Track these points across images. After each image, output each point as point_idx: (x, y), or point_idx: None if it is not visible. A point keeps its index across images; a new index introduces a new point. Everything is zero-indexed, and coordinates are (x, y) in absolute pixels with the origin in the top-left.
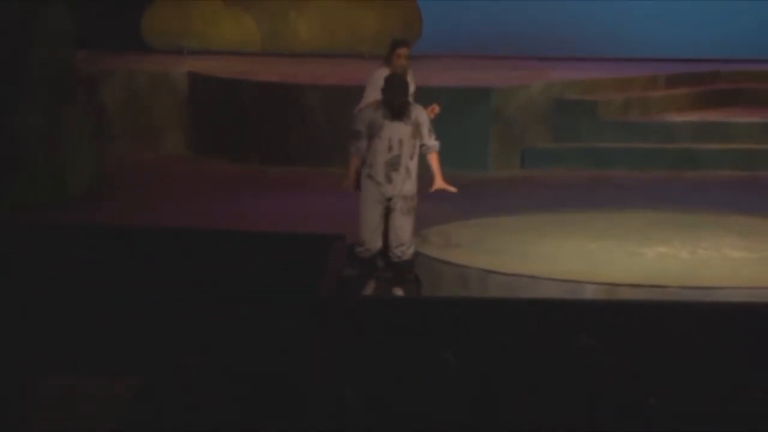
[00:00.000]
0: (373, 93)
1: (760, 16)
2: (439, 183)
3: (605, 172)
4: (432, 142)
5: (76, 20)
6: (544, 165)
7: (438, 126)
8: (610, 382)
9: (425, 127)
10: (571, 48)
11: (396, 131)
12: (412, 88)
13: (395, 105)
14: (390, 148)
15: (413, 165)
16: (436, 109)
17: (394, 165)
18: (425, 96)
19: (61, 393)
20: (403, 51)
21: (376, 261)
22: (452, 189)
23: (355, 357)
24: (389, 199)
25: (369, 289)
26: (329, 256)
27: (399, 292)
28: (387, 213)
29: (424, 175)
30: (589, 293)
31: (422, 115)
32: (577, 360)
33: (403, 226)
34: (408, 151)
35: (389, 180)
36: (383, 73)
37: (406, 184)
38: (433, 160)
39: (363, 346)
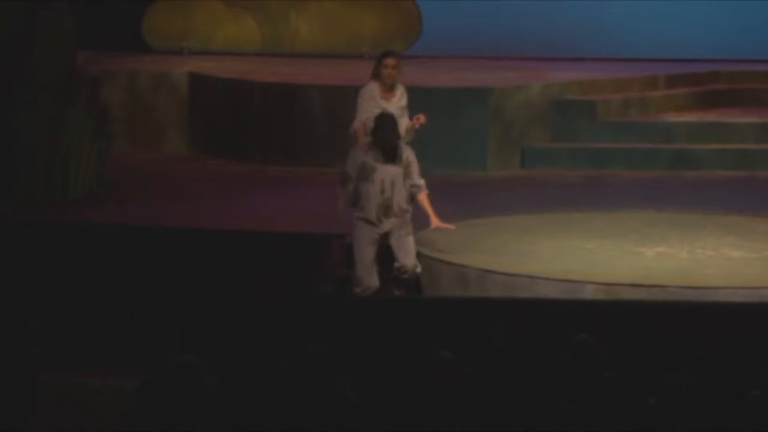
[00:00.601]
0: (365, 109)
1: (759, 17)
2: (435, 222)
3: (604, 171)
4: (420, 182)
5: (78, 21)
6: (542, 165)
7: (437, 126)
8: (609, 381)
9: (414, 168)
10: (570, 48)
11: (388, 174)
12: (403, 102)
13: (387, 147)
14: (383, 191)
15: (406, 204)
16: (422, 118)
17: (387, 207)
18: (425, 96)
19: (62, 391)
20: (390, 61)
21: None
22: (450, 227)
23: (354, 356)
24: (384, 235)
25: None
26: (328, 256)
27: (399, 292)
28: (385, 242)
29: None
30: (588, 293)
31: (411, 155)
32: (575, 359)
33: (402, 246)
34: (400, 192)
35: (381, 222)
36: (373, 87)
37: (398, 219)
38: (424, 201)
39: (362, 345)
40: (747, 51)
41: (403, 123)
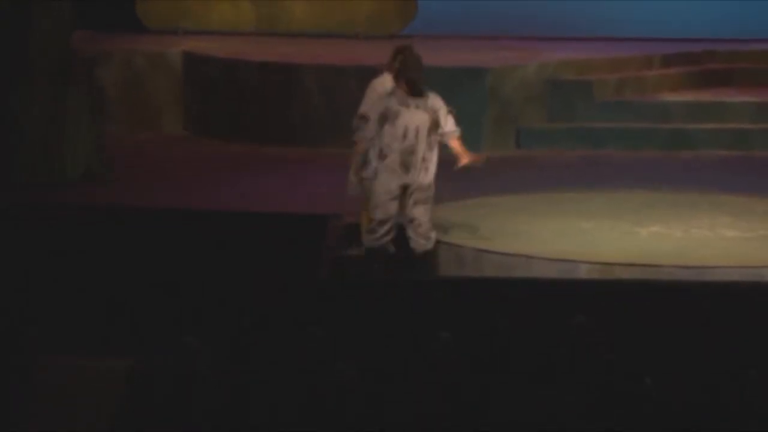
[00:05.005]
0: (372, 103)
1: None
2: (464, 159)
3: (600, 151)
4: (453, 128)
5: (74, 1)
6: (538, 145)
7: None
8: (605, 360)
9: (443, 114)
10: (566, 28)
11: (413, 119)
12: None
13: (412, 87)
14: (405, 136)
15: (431, 155)
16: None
17: (410, 154)
18: None
19: (60, 373)
20: None
21: (387, 248)
22: (480, 157)
23: (353, 337)
24: (405, 188)
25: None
26: (327, 236)
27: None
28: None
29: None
30: (583, 272)
31: (439, 101)
32: (572, 339)
33: (418, 217)
34: (425, 140)
35: (406, 169)
36: (385, 81)
37: (422, 174)
38: (455, 143)
39: (360, 325)
40: (743, 30)
41: None
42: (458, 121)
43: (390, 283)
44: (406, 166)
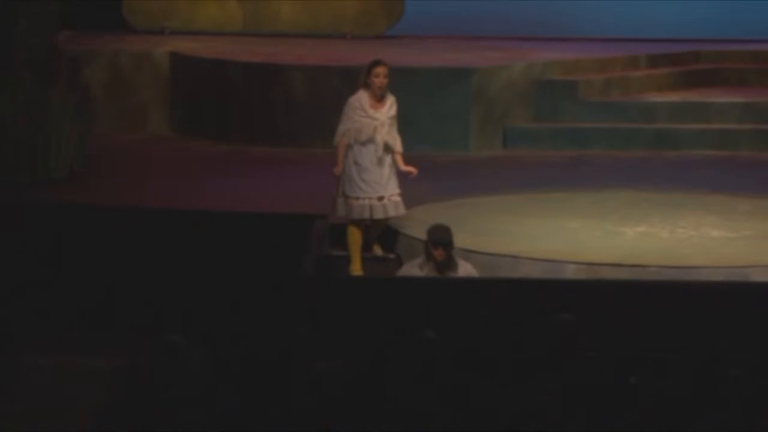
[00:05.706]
0: (351, 119)
1: None
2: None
3: (586, 151)
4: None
5: (59, 0)
6: (525, 145)
7: (420, 106)
8: (590, 360)
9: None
10: (553, 28)
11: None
12: (393, 112)
13: (440, 264)
14: None
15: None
16: (414, 172)
17: None
18: (408, 77)
19: (47, 371)
20: (380, 69)
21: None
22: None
23: (337, 336)
24: None
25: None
26: (311, 236)
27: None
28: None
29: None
30: (569, 272)
31: (469, 269)
32: (558, 339)
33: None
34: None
35: None
36: (362, 97)
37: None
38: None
39: (345, 325)
40: (729, 31)
41: (393, 133)
42: (445, 121)
43: (376, 281)
44: None
